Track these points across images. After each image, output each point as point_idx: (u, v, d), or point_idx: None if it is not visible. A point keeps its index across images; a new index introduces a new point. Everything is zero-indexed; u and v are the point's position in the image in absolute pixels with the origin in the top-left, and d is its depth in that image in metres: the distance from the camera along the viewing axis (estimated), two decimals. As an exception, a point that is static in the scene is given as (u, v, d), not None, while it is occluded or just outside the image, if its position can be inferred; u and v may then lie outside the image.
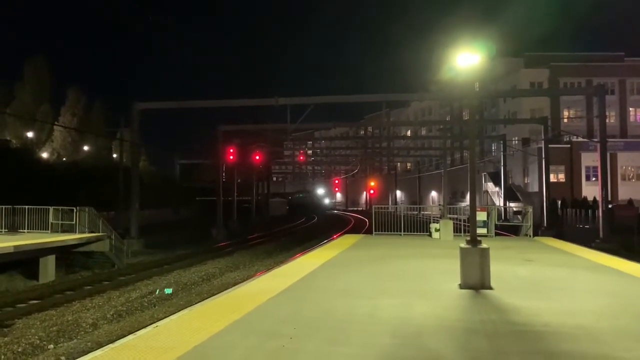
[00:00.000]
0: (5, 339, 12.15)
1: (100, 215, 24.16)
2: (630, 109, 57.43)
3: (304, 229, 51.54)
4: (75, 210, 23.66)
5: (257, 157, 47.94)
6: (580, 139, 47.40)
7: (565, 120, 55.50)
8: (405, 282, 11.44)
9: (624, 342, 6.82)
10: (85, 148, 61.98)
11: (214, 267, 23.88)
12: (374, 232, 23.76)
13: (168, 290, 12.81)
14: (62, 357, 10.61)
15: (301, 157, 54.92)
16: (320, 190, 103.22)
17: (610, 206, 32.50)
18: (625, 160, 53.76)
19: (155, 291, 17.87)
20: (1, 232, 23.52)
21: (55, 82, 57.59)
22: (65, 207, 23.99)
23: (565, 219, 37.26)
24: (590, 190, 46.41)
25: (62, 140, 58.38)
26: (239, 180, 56.02)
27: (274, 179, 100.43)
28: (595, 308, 8.78)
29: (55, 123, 55.46)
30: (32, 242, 19.19)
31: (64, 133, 57.74)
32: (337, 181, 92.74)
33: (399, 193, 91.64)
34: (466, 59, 11.31)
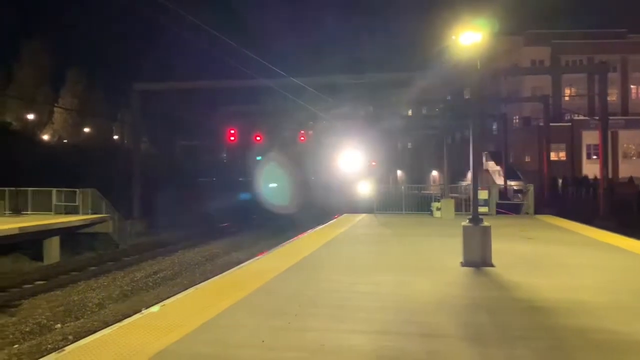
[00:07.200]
0: (13, 319, 12.35)
1: (102, 196, 24.27)
2: (632, 86, 57.05)
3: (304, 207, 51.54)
4: (77, 191, 23.79)
5: (258, 138, 47.91)
6: (581, 117, 47.26)
7: (567, 98, 55.23)
8: (408, 259, 11.57)
9: (623, 316, 6.94)
10: (86, 130, 61.91)
11: (218, 247, 24.06)
12: (375, 211, 23.88)
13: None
14: (70, 337, 10.77)
15: (302, 138, 54.69)
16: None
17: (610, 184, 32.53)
18: (627, 138, 53.69)
19: (160, 271, 18.08)
20: (5, 214, 23.65)
21: (55, 63, 56.98)
22: (67, 189, 24.10)
23: (566, 197, 37.36)
24: (591, 168, 46.48)
25: (62, 122, 58.25)
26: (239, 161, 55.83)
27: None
28: (595, 284, 8.90)
29: (56, 105, 55.30)
30: (36, 224, 19.33)
31: (65, 115, 57.60)
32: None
33: (399, 172, 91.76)
34: (468, 37, 11.26)
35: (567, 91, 55.43)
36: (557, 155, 51.00)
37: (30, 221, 20.18)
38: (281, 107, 40.94)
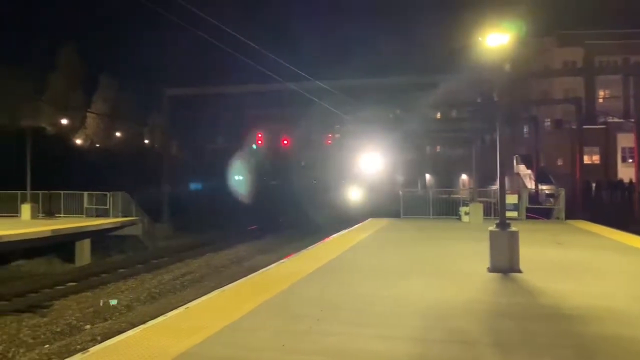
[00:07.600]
0: (45, 319, 12.62)
1: (132, 199, 24.68)
2: (669, 87, 55.33)
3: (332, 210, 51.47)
4: (108, 195, 24.26)
5: (285, 142, 48.14)
6: (616, 119, 46.04)
7: (601, 100, 53.91)
8: (434, 264, 11.42)
9: (657, 325, 6.69)
10: (117, 134, 63.14)
11: (244, 250, 24.20)
12: (402, 215, 23.68)
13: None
14: (98, 337, 10.95)
15: (328, 141, 54.62)
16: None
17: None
18: (664, 141, 52.04)
19: (187, 274, 18.26)
20: (39, 216, 24.26)
21: (87, 69, 58.25)
22: (98, 192, 24.59)
23: (599, 201, 36.43)
24: (627, 172, 45.20)
25: (95, 127, 59.54)
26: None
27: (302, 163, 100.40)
28: (628, 291, 8.62)
29: (88, 110, 56.59)
30: (68, 227, 19.79)
31: (97, 120, 58.92)
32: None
33: (427, 176, 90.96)
34: (496, 39, 11.06)
35: (601, 93, 54.07)
36: (591, 158, 49.79)
37: (63, 224, 20.66)
38: (308, 111, 41.00)
